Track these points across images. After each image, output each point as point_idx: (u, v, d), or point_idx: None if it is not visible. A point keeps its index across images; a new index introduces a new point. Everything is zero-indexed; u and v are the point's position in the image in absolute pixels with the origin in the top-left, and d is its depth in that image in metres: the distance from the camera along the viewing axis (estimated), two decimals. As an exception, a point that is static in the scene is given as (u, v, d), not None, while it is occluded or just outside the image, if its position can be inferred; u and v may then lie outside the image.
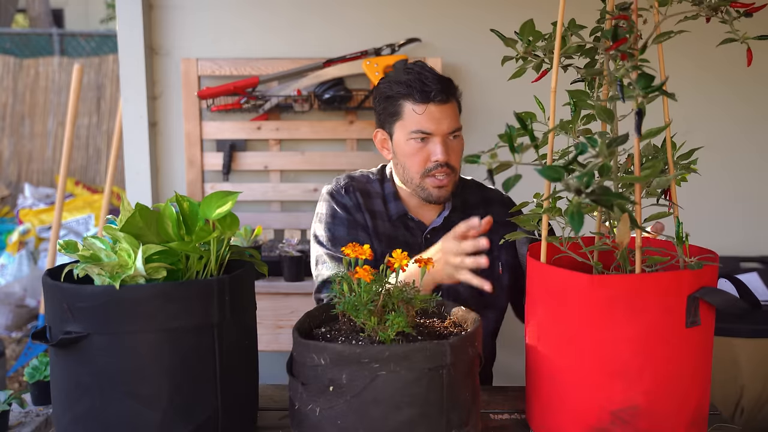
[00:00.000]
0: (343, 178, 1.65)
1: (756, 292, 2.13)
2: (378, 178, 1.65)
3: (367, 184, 1.64)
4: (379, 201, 1.61)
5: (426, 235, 1.59)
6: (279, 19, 2.39)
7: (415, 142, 1.51)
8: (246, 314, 1.13)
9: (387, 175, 1.65)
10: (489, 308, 1.62)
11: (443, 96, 1.50)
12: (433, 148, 1.51)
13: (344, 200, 1.60)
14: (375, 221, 1.60)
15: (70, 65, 6.88)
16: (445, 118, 1.51)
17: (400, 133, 1.53)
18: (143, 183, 2.37)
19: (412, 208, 1.62)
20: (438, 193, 1.54)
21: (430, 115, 1.49)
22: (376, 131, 1.62)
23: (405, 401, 0.93)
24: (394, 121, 1.54)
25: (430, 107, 1.49)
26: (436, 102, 1.50)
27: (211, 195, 1.10)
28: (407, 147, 1.53)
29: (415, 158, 1.52)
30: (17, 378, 3.43)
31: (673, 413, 1.01)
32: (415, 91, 1.49)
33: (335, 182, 1.64)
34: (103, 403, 1.00)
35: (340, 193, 1.61)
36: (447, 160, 1.51)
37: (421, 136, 1.51)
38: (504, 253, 1.61)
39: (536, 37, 1.10)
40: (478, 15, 2.36)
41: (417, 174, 1.53)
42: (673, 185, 1.08)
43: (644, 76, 0.93)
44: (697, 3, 1.02)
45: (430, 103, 1.49)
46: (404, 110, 1.52)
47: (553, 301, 1.03)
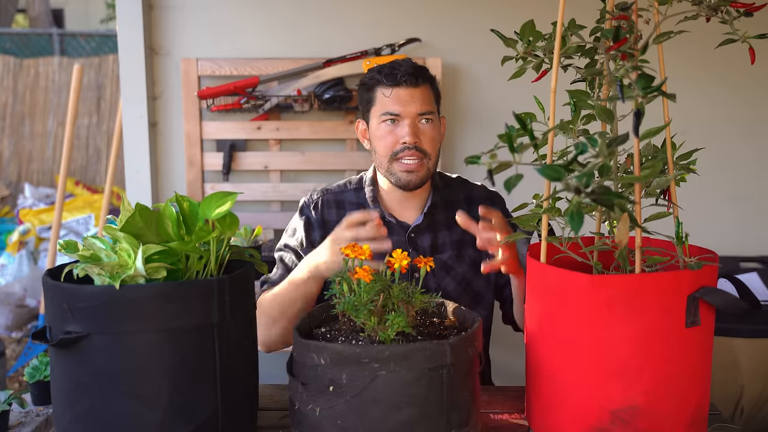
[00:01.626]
0: (318, 191, 1.66)
1: (756, 292, 2.14)
2: (355, 187, 1.65)
3: (341, 194, 1.64)
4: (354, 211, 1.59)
5: (410, 234, 1.59)
6: (279, 19, 2.39)
7: (386, 125, 1.53)
8: (246, 314, 1.13)
9: (365, 181, 1.65)
10: (478, 305, 1.62)
11: (412, 79, 1.52)
12: (401, 131, 1.52)
13: (308, 213, 1.62)
14: None
15: (70, 65, 6.88)
16: (414, 101, 1.52)
17: (374, 119, 1.56)
18: (143, 183, 2.37)
19: (394, 209, 1.62)
20: (407, 177, 1.53)
21: (397, 97, 1.52)
22: (357, 122, 1.64)
23: (405, 401, 0.93)
24: (369, 108, 1.57)
25: (398, 90, 1.52)
26: (405, 85, 1.52)
27: (211, 195, 1.10)
28: (378, 131, 1.54)
29: (384, 141, 1.53)
30: (17, 378, 3.43)
31: (673, 413, 1.01)
32: (383, 76, 1.53)
33: (309, 194, 1.66)
34: (103, 403, 1.00)
35: (308, 207, 1.63)
36: (415, 143, 1.51)
37: (390, 118, 1.52)
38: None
39: (536, 37, 1.10)
40: (478, 15, 2.36)
41: (385, 158, 1.53)
42: (673, 185, 1.08)
43: (644, 76, 0.93)
44: (697, 3, 1.02)
45: (398, 86, 1.52)
46: (376, 96, 1.55)
47: (553, 301, 1.03)
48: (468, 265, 1.60)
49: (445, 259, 1.59)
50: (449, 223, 1.60)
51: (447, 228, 1.61)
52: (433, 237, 1.60)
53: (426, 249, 1.58)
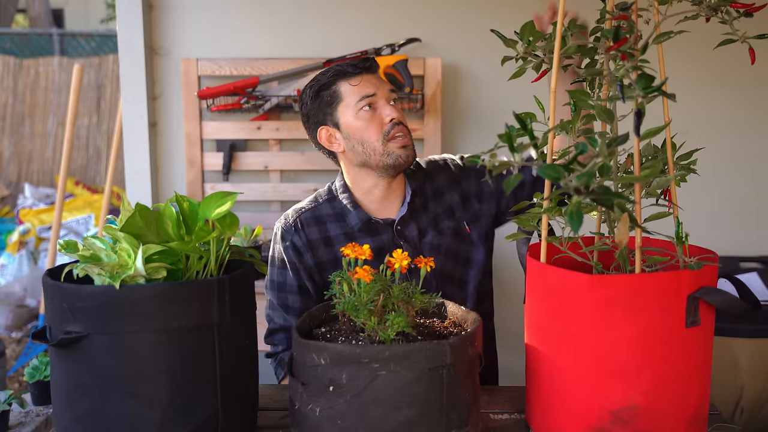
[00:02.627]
0: (292, 214, 1.61)
1: (756, 292, 2.14)
2: (327, 198, 1.62)
3: (317, 209, 1.60)
4: (334, 224, 1.58)
5: (396, 227, 1.57)
6: (279, 19, 2.39)
7: (365, 112, 1.51)
8: (246, 314, 1.13)
9: (336, 190, 1.62)
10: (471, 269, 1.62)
11: (373, 65, 1.55)
12: (383, 111, 1.52)
13: (294, 239, 1.57)
14: (333, 248, 1.57)
15: (70, 65, 6.88)
16: (381, 83, 1.55)
17: (347, 114, 1.53)
18: (143, 183, 2.37)
19: (376, 208, 1.59)
20: (405, 152, 1.52)
21: (367, 82, 1.52)
22: (319, 131, 1.57)
23: (405, 401, 0.93)
24: (335, 108, 1.54)
25: (364, 76, 1.53)
26: (368, 72, 1.54)
27: (211, 195, 1.10)
28: (358, 121, 1.52)
29: (371, 127, 1.51)
30: (17, 378, 3.43)
31: (673, 413, 1.01)
32: (345, 68, 1.53)
33: (284, 220, 1.61)
34: (103, 403, 1.00)
35: (289, 232, 1.58)
36: (400, 119, 1.53)
37: (369, 102, 1.51)
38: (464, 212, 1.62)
39: (536, 38, 1.10)
40: (479, 15, 2.36)
41: (378, 141, 1.51)
42: (673, 185, 1.08)
43: (644, 76, 0.93)
44: (697, 3, 1.02)
45: (363, 73, 1.53)
46: (341, 90, 1.53)
47: (553, 301, 1.03)
48: (450, 236, 1.59)
49: (429, 239, 1.58)
50: (424, 204, 1.60)
51: (424, 210, 1.60)
52: (417, 224, 1.58)
53: (414, 238, 1.57)
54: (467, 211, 1.63)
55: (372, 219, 1.57)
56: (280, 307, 1.60)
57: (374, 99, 1.52)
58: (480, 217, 1.63)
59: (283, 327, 1.61)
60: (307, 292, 1.58)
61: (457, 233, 1.61)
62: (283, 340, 1.62)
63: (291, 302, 1.59)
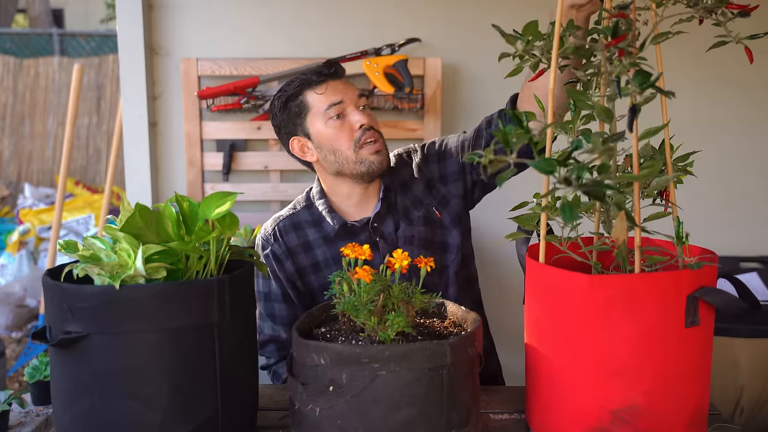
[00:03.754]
0: (271, 223, 1.62)
1: (756, 292, 2.14)
2: (305, 205, 1.62)
3: (294, 216, 1.61)
4: (312, 229, 1.59)
5: (372, 224, 1.56)
6: (279, 19, 2.39)
7: (334, 120, 1.51)
8: (246, 314, 1.13)
9: (313, 196, 1.62)
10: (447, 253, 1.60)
11: (336, 69, 1.53)
12: (352, 118, 1.51)
13: (273, 248, 1.58)
14: (312, 252, 1.58)
15: (70, 65, 6.88)
16: (348, 87, 1.54)
17: (316, 123, 1.52)
18: (143, 183, 2.37)
19: (350, 213, 1.59)
20: (378, 158, 1.52)
21: (333, 89, 1.52)
22: (291, 141, 1.57)
23: (405, 401, 0.93)
24: (304, 118, 1.53)
25: (329, 83, 1.52)
26: (332, 77, 1.53)
27: (211, 195, 1.10)
28: (328, 129, 1.51)
29: (341, 135, 1.51)
30: (17, 378, 3.43)
31: (673, 413, 1.01)
32: (310, 76, 1.52)
33: (263, 230, 1.62)
34: (103, 403, 1.00)
35: (269, 241, 1.59)
36: (371, 124, 1.52)
37: (337, 111, 1.50)
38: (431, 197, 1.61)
39: (535, 37, 1.10)
40: (478, 15, 2.36)
41: (350, 149, 1.51)
42: (672, 186, 1.08)
43: (641, 72, 0.93)
44: (692, 5, 1.02)
45: (328, 80, 1.52)
46: (308, 100, 1.52)
47: (552, 302, 1.03)
48: (421, 225, 1.58)
49: (402, 231, 1.57)
50: (395, 199, 1.60)
51: (400, 204, 1.60)
52: (393, 219, 1.58)
53: (391, 233, 1.56)
54: (434, 197, 1.62)
55: (348, 223, 1.56)
56: (268, 317, 1.61)
57: (342, 106, 1.51)
58: (449, 200, 1.62)
59: (272, 338, 1.61)
60: (291, 301, 1.58)
61: (428, 221, 1.59)
62: (273, 352, 1.62)
63: (278, 311, 1.59)
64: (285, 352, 1.61)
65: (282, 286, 1.58)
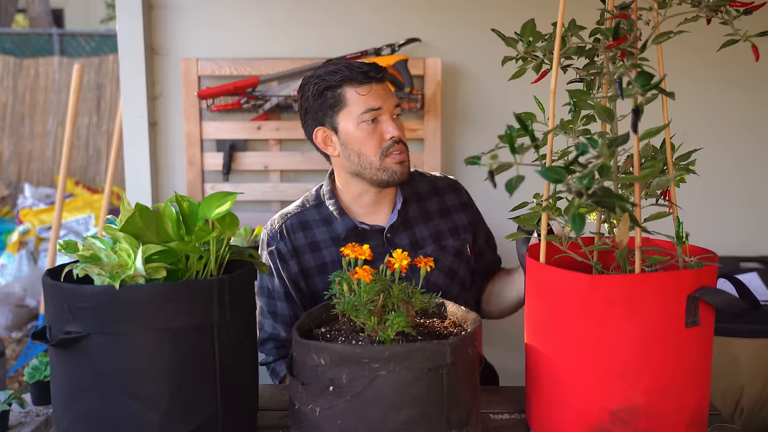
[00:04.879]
0: (278, 219, 1.59)
1: (756, 292, 2.14)
2: (315, 203, 1.60)
3: (303, 214, 1.59)
4: (321, 229, 1.57)
5: (386, 235, 1.55)
6: (279, 19, 2.39)
7: (367, 124, 1.48)
8: (246, 314, 1.13)
9: (324, 195, 1.60)
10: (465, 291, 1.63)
11: (381, 74, 1.50)
12: (385, 127, 1.49)
13: (279, 246, 1.56)
14: (319, 253, 1.56)
15: (70, 65, 6.88)
16: (389, 95, 1.51)
17: (348, 122, 1.49)
18: (143, 183, 2.37)
19: (363, 215, 1.58)
20: (401, 169, 1.51)
21: (375, 93, 1.48)
22: (316, 131, 1.54)
23: (405, 401, 0.93)
24: (337, 112, 1.50)
25: (373, 86, 1.49)
26: (377, 81, 1.49)
27: (211, 195, 1.10)
28: (359, 132, 1.49)
29: (370, 140, 1.49)
30: (17, 378, 3.43)
31: (673, 413, 1.01)
32: (355, 74, 1.48)
33: (270, 226, 1.60)
34: (103, 403, 1.00)
35: (275, 239, 1.57)
36: (401, 137, 1.51)
37: (372, 116, 1.48)
38: (467, 234, 1.64)
39: (536, 38, 1.10)
40: (479, 15, 2.36)
41: (376, 156, 1.49)
42: (672, 186, 1.08)
43: (643, 73, 0.93)
44: (696, 4, 1.02)
45: (372, 82, 1.49)
46: (347, 96, 1.49)
47: (553, 302, 1.03)
48: (452, 255, 1.59)
49: (429, 252, 1.57)
50: (423, 216, 1.59)
51: (423, 222, 1.59)
52: (410, 233, 1.57)
53: (405, 247, 1.55)
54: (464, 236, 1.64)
55: (358, 226, 1.54)
56: (269, 314, 1.59)
57: (379, 113, 1.49)
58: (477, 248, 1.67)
59: (271, 336, 1.60)
60: (293, 300, 1.57)
61: (458, 253, 1.60)
62: (272, 350, 1.61)
63: (280, 309, 1.58)
64: (283, 351, 1.61)
65: (285, 285, 1.56)
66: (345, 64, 1.50)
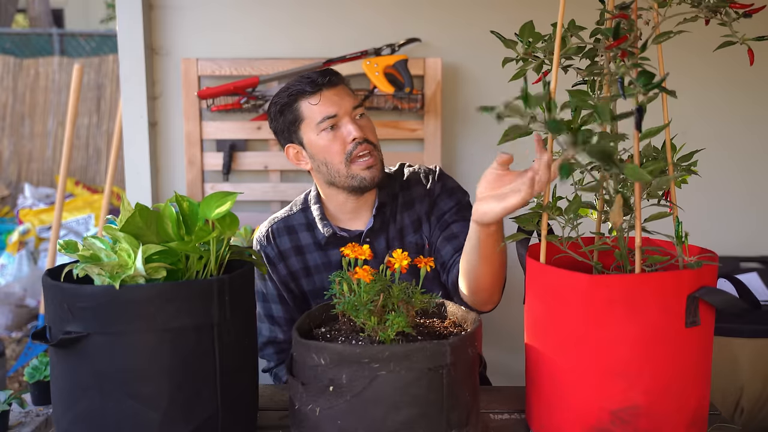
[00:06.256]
0: (266, 224, 1.62)
1: (756, 292, 2.13)
2: (302, 207, 1.62)
3: (289, 219, 1.61)
4: (305, 233, 1.59)
5: (365, 239, 1.56)
6: (279, 19, 2.39)
7: (327, 132, 1.48)
8: (246, 314, 1.13)
9: (310, 199, 1.62)
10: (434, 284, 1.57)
11: (331, 78, 1.50)
12: (345, 130, 1.49)
13: (267, 250, 1.59)
14: (304, 257, 1.58)
15: (70, 65, 6.88)
16: (343, 98, 1.50)
17: (310, 133, 1.50)
18: (143, 183, 2.37)
19: (345, 221, 1.59)
20: (370, 174, 1.50)
21: (327, 100, 1.48)
22: (287, 148, 1.57)
23: (405, 401, 0.93)
24: (298, 126, 1.52)
25: (323, 93, 1.48)
26: (327, 86, 1.49)
27: (211, 195, 1.10)
28: (321, 141, 1.49)
29: (332, 148, 1.49)
30: (17, 378, 3.43)
31: (673, 413, 1.01)
32: (303, 86, 1.48)
33: (259, 231, 1.63)
34: (103, 403, 1.00)
35: (262, 243, 1.60)
36: (364, 136, 1.49)
37: (330, 124, 1.48)
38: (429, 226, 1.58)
39: (536, 39, 1.10)
40: (479, 15, 2.36)
41: (341, 163, 1.49)
42: (673, 186, 1.08)
43: (645, 73, 0.93)
44: (696, 5, 1.02)
45: (322, 90, 1.48)
46: (302, 109, 1.50)
47: (553, 302, 1.03)
48: (414, 252, 1.56)
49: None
50: (394, 216, 1.58)
51: (393, 221, 1.58)
52: (386, 236, 1.57)
53: (383, 251, 1.56)
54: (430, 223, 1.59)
55: (338, 233, 1.55)
56: (266, 318, 1.61)
57: (336, 119, 1.49)
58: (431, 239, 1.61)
59: (270, 340, 1.61)
60: (287, 302, 1.59)
61: (419, 248, 1.58)
62: (272, 355, 1.62)
63: (275, 312, 1.60)
64: (283, 355, 1.61)
65: (276, 287, 1.59)
66: (297, 77, 1.52)
